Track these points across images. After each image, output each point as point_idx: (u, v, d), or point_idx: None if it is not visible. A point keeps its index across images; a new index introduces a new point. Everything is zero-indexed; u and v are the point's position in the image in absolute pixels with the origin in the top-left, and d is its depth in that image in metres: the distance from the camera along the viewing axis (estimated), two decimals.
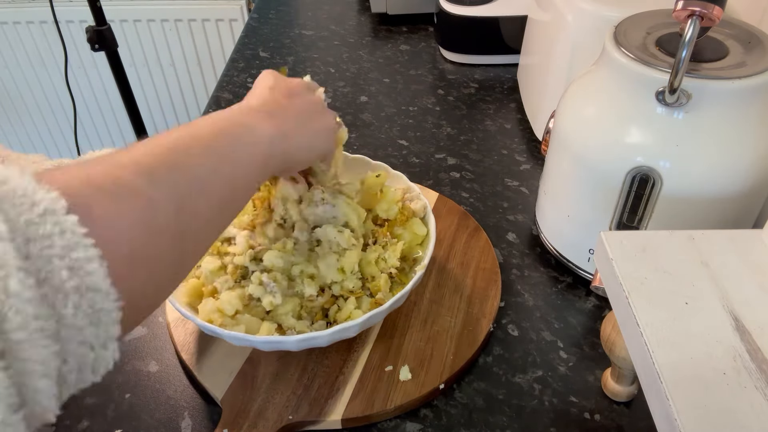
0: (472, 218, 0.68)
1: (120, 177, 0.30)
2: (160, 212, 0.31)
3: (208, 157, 0.36)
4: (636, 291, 0.37)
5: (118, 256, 0.27)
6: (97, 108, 1.93)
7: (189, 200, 0.33)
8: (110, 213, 0.28)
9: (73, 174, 0.28)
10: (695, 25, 0.44)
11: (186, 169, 0.34)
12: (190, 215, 0.33)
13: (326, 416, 0.49)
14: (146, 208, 0.30)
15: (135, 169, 0.31)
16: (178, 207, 0.32)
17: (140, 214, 0.29)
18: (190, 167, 0.34)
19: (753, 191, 0.51)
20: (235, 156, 0.38)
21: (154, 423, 0.51)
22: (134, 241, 0.29)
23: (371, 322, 0.49)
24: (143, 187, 0.30)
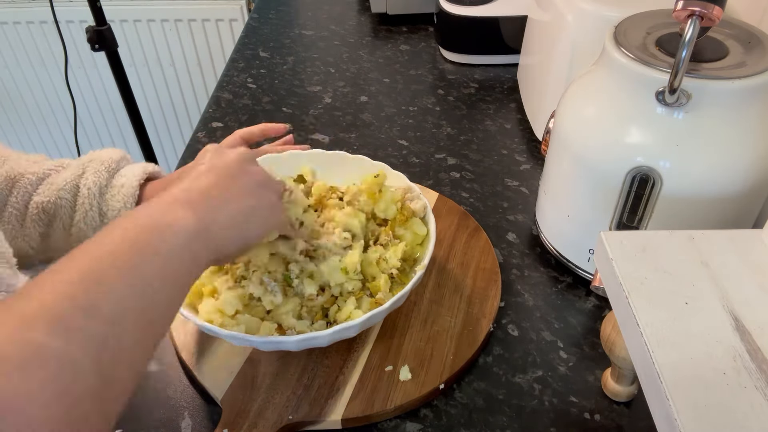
0: (472, 218, 0.68)
1: (31, 339, 0.27)
2: (80, 371, 0.28)
3: (124, 287, 0.32)
4: (636, 291, 0.37)
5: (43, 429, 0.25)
6: (97, 108, 1.93)
7: (109, 346, 0.30)
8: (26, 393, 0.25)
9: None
10: (695, 25, 0.44)
11: (102, 311, 0.30)
12: (112, 362, 0.30)
13: (326, 416, 0.49)
14: (64, 373, 0.27)
15: (46, 324, 0.28)
16: (98, 357, 0.29)
17: (58, 382, 0.27)
18: (106, 307, 0.31)
19: (753, 191, 0.51)
20: (154, 268, 0.35)
21: (154, 423, 0.51)
22: (55, 415, 0.26)
23: (371, 322, 0.49)
24: (58, 346, 0.27)
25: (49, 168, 0.61)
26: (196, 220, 0.39)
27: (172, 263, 0.36)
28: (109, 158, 0.62)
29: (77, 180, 0.60)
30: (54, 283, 0.30)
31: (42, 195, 0.59)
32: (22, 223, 0.60)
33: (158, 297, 0.34)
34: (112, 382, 0.30)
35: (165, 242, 0.36)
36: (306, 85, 0.99)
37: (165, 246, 0.36)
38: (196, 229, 0.39)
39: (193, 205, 0.40)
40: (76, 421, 0.27)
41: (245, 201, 0.44)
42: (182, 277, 0.37)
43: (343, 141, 0.85)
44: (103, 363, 0.29)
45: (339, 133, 0.87)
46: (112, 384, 0.30)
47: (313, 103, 0.94)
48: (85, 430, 0.28)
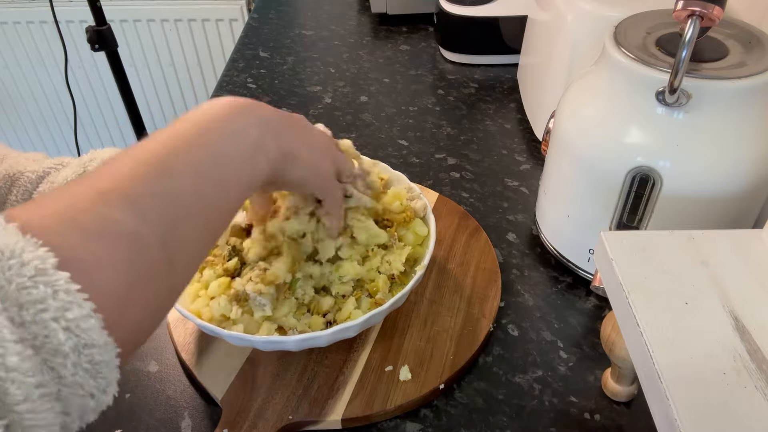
0: (473, 218, 0.68)
1: (106, 215, 0.29)
2: (148, 249, 0.30)
3: (193, 171, 0.35)
4: (636, 291, 0.37)
5: (112, 303, 0.27)
6: (97, 108, 1.93)
7: (176, 227, 0.32)
8: (100, 260, 0.27)
9: (58, 214, 0.28)
10: (695, 25, 0.44)
11: (171, 192, 0.33)
12: (178, 243, 0.33)
13: (326, 416, 0.49)
14: (134, 247, 0.29)
15: (119, 202, 0.30)
16: (166, 237, 0.31)
17: (129, 255, 0.29)
18: (175, 189, 0.33)
19: (753, 191, 0.51)
20: (221, 157, 0.37)
21: (154, 423, 0.51)
22: (126, 284, 0.28)
23: (371, 323, 0.49)
24: (129, 223, 0.30)
25: (49, 166, 0.61)
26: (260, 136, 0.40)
27: (231, 167, 0.38)
28: (110, 157, 0.61)
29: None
30: (130, 163, 0.33)
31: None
32: None
33: (215, 196, 0.36)
34: (174, 266, 0.32)
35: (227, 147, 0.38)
36: (306, 85, 0.99)
37: (227, 150, 0.38)
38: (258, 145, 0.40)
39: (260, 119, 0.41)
40: (139, 293, 0.29)
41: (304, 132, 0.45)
42: (239, 182, 0.39)
43: None
44: (168, 245, 0.32)
45: (339, 133, 0.87)
46: (173, 267, 0.32)
47: (313, 103, 0.94)
48: (145, 304, 0.30)
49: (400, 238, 0.57)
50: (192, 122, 0.38)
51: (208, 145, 0.37)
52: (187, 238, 0.33)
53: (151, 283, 0.30)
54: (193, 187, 0.34)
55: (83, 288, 0.25)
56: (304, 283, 0.51)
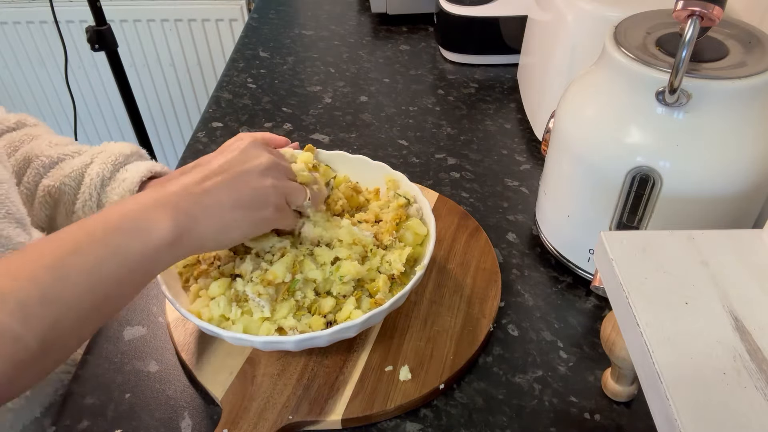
0: (473, 218, 0.68)
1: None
2: (25, 347, 0.34)
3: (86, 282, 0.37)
4: (636, 291, 0.37)
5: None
6: (97, 108, 1.93)
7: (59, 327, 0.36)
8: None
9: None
10: (695, 25, 0.44)
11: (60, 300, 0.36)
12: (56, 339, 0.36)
13: (326, 416, 0.49)
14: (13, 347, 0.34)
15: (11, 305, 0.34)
16: (44, 337, 0.35)
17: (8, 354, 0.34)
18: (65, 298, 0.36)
19: (753, 191, 0.51)
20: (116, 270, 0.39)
21: (154, 423, 0.51)
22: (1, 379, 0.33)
23: (371, 323, 0.49)
24: (13, 326, 0.34)
25: (64, 153, 0.63)
26: (171, 230, 0.41)
27: (135, 266, 0.40)
28: (118, 152, 0.63)
29: (84, 169, 0.62)
30: (27, 263, 0.36)
31: (50, 179, 0.62)
32: (31, 204, 0.62)
33: (113, 292, 0.39)
34: (52, 353, 0.36)
35: (132, 248, 0.39)
36: (306, 85, 0.99)
37: (132, 250, 0.39)
38: (168, 241, 0.41)
39: (175, 207, 0.42)
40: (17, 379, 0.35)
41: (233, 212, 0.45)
42: (140, 277, 0.41)
43: (343, 141, 0.85)
44: (47, 340, 0.36)
45: (339, 133, 0.87)
46: (50, 354, 0.36)
47: (313, 103, 0.94)
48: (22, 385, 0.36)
49: (400, 238, 0.57)
50: (102, 220, 0.40)
51: (111, 247, 0.39)
52: (67, 333, 0.37)
53: (25, 374, 0.35)
54: (85, 289, 0.37)
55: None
56: (304, 286, 0.51)
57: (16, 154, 0.63)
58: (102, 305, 0.39)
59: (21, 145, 0.63)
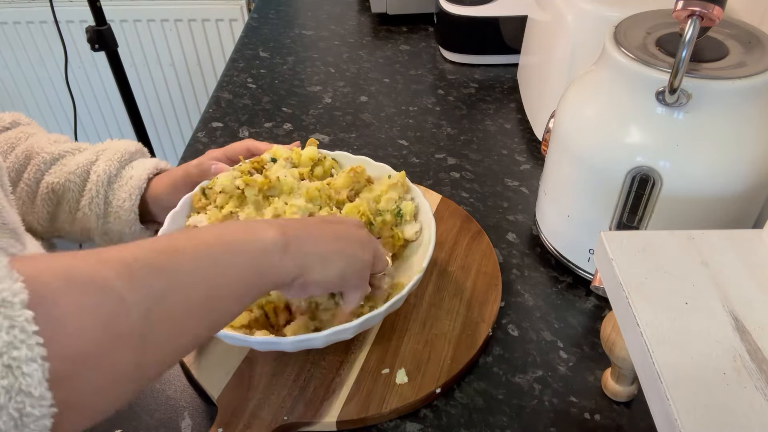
0: (475, 221, 0.68)
1: (98, 272, 0.29)
2: (127, 315, 0.29)
3: (195, 262, 0.34)
4: (636, 291, 0.37)
5: (68, 356, 0.26)
6: (97, 108, 1.93)
7: (163, 305, 0.31)
8: (72, 309, 0.27)
9: (54, 264, 0.28)
10: (695, 25, 0.44)
11: (169, 270, 0.32)
12: (160, 322, 0.31)
13: (321, 418, 0.49)
14: (113, 308, 0.28)
15: (116, 266, 0.30)
16: (149, 310, 0.30)
17: (106, 313, 0.28)
18: (174, 269, 0.32)
19: (753, 191, 0.51)
20: (225, 261, 0.36)
21: (154, 423, 0.51)
22: (90, 342, 0.27)
23: (368, 325, 0.49)
24: (117, 284, 0.29)
25: (65, 150, 0.63)
26: (281, 236, 0.39)
27: (240, 266, 0.37)
28: (123, 149, 0.64)
29: (89, 166, 0.62)
30: (138, 247, 0.32)
31: (53, 175, 0.62)
32: (33, 200, 0.62)
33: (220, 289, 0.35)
34: (148, 343, 0.30)
35: (244, 247, 0.37)
36: (306, 85, 0.99)
37: (243, 250, 0.37)
38: (280, 245, 0.39)
39: (282, 227, 0.40)
40: (102, 359, 0.28)
41: (336, 243, 0.44)
42: (242, 283, 0.37)
43: (343, 141, 0.85)
44: (150, 318, 0.30)
45: (339, 133, 0.87)
46: (147, 343, 0.30)
47: (313, 103, 0.94)
48: (106, 372, 0.28)
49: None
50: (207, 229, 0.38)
51: (222, 237, 0.37)
52: (172, 318, 0.32)
53: (118, 351, 0.29)
54: (194, 269, 0.34)
55: (42, 331, 0.25)
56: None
57: (15, 151, 0.63)
58: (212, 300, 0.35)
59: (18, 142, 0.64)
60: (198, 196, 0.58)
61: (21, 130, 0.65)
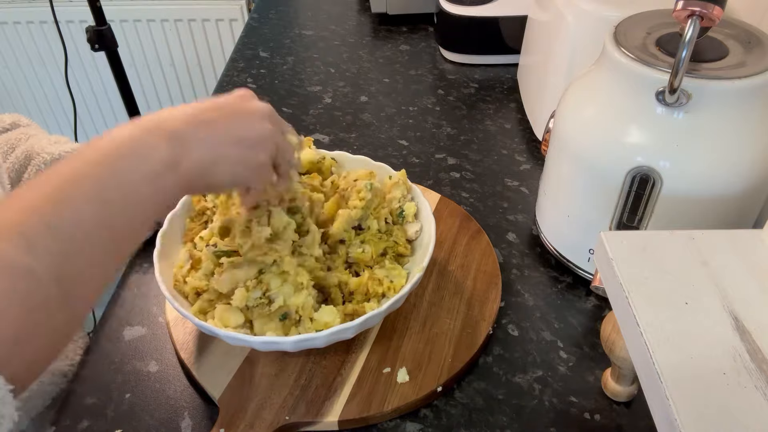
0: (474, 220, 0.68)
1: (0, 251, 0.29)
2: (40, 284, 0.29)
3: (93, 199, 0.34)
4: (636, 291, 0.37)
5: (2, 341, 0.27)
6: (97, 108, 1.93)
7: (72, 261, 0.31)
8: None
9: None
10: (695, 25, 0.44)
11: (65, 227, 0.32)
12: (75, 275, 0.32)
13: (323, 417, 0.49)
14: (24, 284, 0.29)
15: (11, 237, 0.29)
16: (60, 272, 0.31)
17: (20, 290, 0.28)
18: (70, 223, 0.32)
19: (753, 191, 0.51)
20: (124, 181, 0.35)
21: (154, 423, 0.51)
22: (14, 323, 0.28)
23: (368, 325, 0.49)
24: (20, 259, 0.29)
25: (66, 150, 0.63)
26: (168, 153, 0.38)
27: (137, 190, 0.36)
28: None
29: None
30: (24, 199, 0.32)
31: None
32: None
33: (120, 221, 0.35)
34: (70, 299, 0.31)
35: (132, 170, 0.36)
36: (306, 85, 0.99)
37: (131, 173, 0.36)
38: (165, 163, 0.38)
39: (170, 134, 0.39)
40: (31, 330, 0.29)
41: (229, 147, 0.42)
42: (145, 204, 0.37)
43: (343, 141, 0.85)
44: (63, 279, 0.31)
45: (339, 133, 0.87)
46: (69, 300, 0.31)
47: (313, 103, 0.94)
48: (39, 339, 0.30)
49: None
50: (96, 148, 0.36)
51: (111, 170, 0.36)
52: (85, 269, 0.33)
53: (45, 318, 0.29)
54: (92, 216, 0.33)
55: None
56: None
57: (15, 152, 0.63)
58: (112, 237, 0.35)
59: (18, 143, 0.64)
60: (198, 197, 0.58)
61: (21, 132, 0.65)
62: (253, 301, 0.49)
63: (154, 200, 0.38)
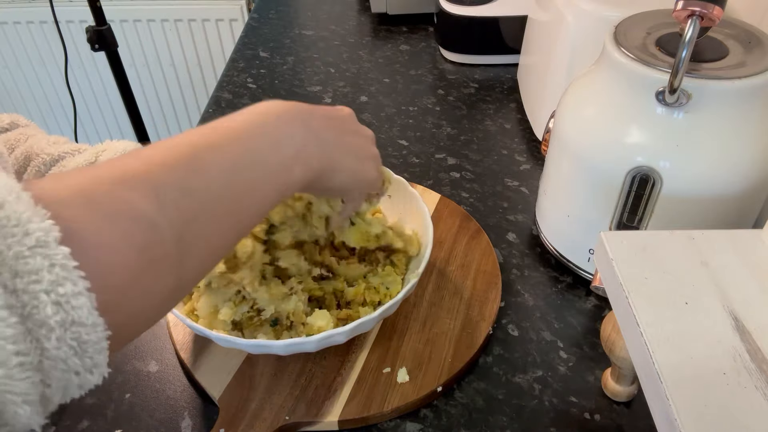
0: (474, 220, 0.68)
1: (124, 197, 0.28)
2: (161, 240, 0.29)
3: (226, 170, 0.34)
4: (636, 291, 0.37)
5: (111, 286, 0.27)
6: (97, 108, 1.93)
7: (195, 224, 0.32)
8: (106, 241, 0.27)
9: (76, 188, 0.27)
10: (695, 25, 0.44)
11: (198, 192, 0.32)
12: (194, 240, 0.32)
13: (323, 417, 0.49)
14: (146, 235, 0.28)
15: (141, 187, 0.29)
16: (182, 233, 0.31)
17: (139, 241, 0.28)
18: (203, 190, 0.32)
19: (753, 191, 0.51)
20: (258, 161, 0.36)
21: (154, 423, 0.51)
22: (130, 271, 0.28)
23: (360, 330, 0.49)
24: (147, 210, 0.29)
25: (65, 151, 0.64)
26: (302, 145, 0.39)
27: (268, 170, 0.37)
28: (122, 149, 0.64)
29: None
30: (163, 152, 0.32)
31: None
32: None
33: (246, 197, 0.36)
34: (185, 263, 0.31)
35: (266, 151, 0.37)
36: (306, 85, 0.99)
37: (266, 154, 0.37)
38: (297, 153, 0.39)
39: (304, 123, 0.41)
40: (143, 283, 0.28)
41: (351, 158, 0.44)
42: (271, 186, 0.38)
43: None
44: (183, 240, 0.31)
45: None
46: (184, 264, 0.31)
47: (313, 103, 0.94)
48: (148, 295, 0.29)
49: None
50: (236, 122, 0.37)
51: (246, 147, 0.36)
52: (204, 236, 0.32)
53: (158, 275, 0.29)
54: (222, 187, 0.34)
55: (82, 265, 0.25)
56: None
57: (15, 152, 0.63)
58: (237, 211, 0.35)
59: (17, 144, 0.64)
60: None
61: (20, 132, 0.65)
62: (240, 315, 0.49)
63: (279, 186, 0.38)
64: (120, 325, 0.27)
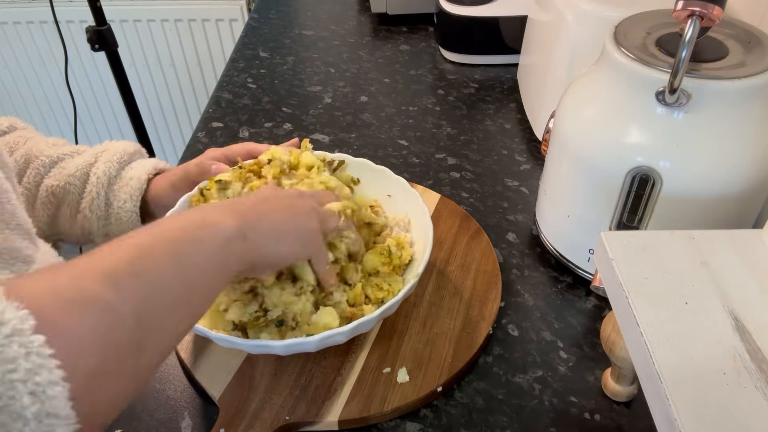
0: (474, 220, 0.68)
1: (84, 286, 0.30)
2: (122, 322, 0.31)
3: (168, 261, 0.36)
4: (636, 291, 0.37)
5: (80, 374, 0.27)
6: (97, 108, 1.93)
7: (150, 307, 0.33)
8: (74, 327, 0.28)
9: (41, 285, 0.29)
10: (695, 25, 0.44)
11: (147, 273, 0.34)
12: (152, 321, 0.33)
13: (323, 417, 0.49)
14: (108, 318, 0.30)
15: (98, 276, 0.31)
16: (140, 314, 0.32)
17: (103, 326, 0.29)
18: (151, 271, 0.34)
19: (753, 191, 0.51)
20: (198, 241, 0.38)
21: (154, 423, 0.51)
22: (97, 357, 0.29)
23: (359, 330, 0.49)
24: (105, 295, 0.30)
25: (64, 153, 0.64)
26: (236, 220, 0.42)
27: (208, 258, 0.39)
28: (122, 150, 0.64)
29: (88, 168, 0.62)
30: (108, 252, 0.34)
31: (53, 179, 0.62)
32: (32, 204, 0.63)
33: (195, 277, 0.38)
34: (145, 346, 0.32)
35: (206, 236, 0.39)
36: (306, 85, 0.99)
37: (207, 239, 0.39)
38: (234, 229, 0.41)
39: (236, 212, 0.43)
40: (108, 368, 0.29)
41: (286, 221, 0.46)
42: (216, 265, 0.40)
43: (343, 141, 0.85)
44: (142, 322, 0.32)
45: (339, 133, 0.87)
46: (144, 347, 0.32)
47: (313, 103, 0.94)
48: (112, 382, 0.30)
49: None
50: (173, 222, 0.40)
51: (188, 234, 0.38)
52: (163, 317, 0.34)
53: (121, 359, 0.31)
54: (171, 266, 0.35)
55: (56, 354, 0.26)
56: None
57: (14, 155, 0.63)
58: (190, 294, 0.37)
59: (17, 146, 0.64)
60: (196, 197, 0.58)
61: (19, 135, 0.65)
62: (248, 316, 0.49)
63: (227, 267, 0.40)
64: (84, 416, 0.28)
